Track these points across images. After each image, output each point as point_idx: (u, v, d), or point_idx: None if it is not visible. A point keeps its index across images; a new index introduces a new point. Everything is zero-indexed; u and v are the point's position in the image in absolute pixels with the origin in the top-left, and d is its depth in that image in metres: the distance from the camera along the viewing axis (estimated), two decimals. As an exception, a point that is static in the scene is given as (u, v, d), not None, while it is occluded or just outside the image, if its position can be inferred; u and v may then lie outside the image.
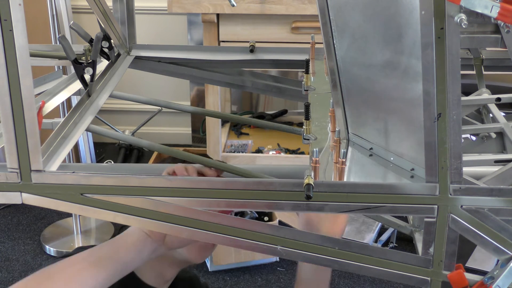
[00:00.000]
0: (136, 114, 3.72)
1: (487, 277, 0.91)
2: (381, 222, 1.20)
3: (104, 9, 1.36)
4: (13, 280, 2.77)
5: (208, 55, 1.50)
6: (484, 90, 1.37)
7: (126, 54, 1.48)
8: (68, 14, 3.03)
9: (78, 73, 1.25)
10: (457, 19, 0.79)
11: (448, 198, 0.90)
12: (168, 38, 3.60)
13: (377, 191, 0.91)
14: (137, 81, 3.66)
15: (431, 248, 0.93)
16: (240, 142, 3.35)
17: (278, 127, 1.53)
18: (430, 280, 0.94)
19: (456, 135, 0.87)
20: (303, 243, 0.95)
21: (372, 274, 0.96)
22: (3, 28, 0.85)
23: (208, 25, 2.81)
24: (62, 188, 0.94)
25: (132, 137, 1.34)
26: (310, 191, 0.89)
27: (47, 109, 1.28)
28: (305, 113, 1.14)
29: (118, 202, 0.94)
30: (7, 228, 3.16)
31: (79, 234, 3.06)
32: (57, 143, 1.07)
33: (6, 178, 0.94)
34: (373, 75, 1.04)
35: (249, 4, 2.73)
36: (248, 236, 0.95)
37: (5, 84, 0.88)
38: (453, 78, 0.83)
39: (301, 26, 2.78)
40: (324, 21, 1.08)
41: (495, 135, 1.23)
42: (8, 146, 0.92)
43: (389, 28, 0.95)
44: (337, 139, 1.05)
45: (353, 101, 1.12)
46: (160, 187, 0.93)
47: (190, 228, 0.95)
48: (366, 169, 1.09)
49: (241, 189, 0.93)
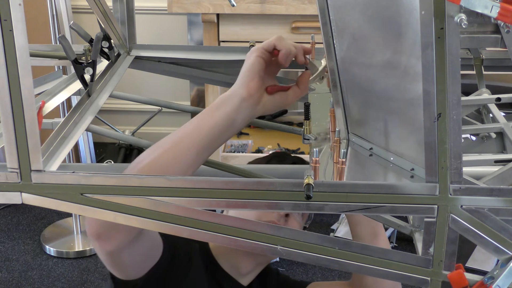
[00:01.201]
0: (136, 114, 3.73)
1: (487, 277, 0.91)
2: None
3: (104, 9, 1.36)
4: (13, 280, 2.78)
5: (208, 55, 1.49)
6: (484, 90, 1.37)
7: (126, 54, 1.48)
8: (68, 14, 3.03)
9: (78, 73, 1.25)
10: (457, 19, 0.79)
11: (448, 198, 0.90)
12: (168, 38, 3.61)
13: (377, 191, 0.91)
14: (137, 81, 3.66)
15: (431, 248, 0.93)
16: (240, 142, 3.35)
17: (278, 127, 1.53)
18: (430, 280, 0.94)
19: (456, 135, 0.87)
20: (303, 243, 0.95)
21: (372, 274, 0.96)
22: (3, 28, 0.85)
23: (208, 25, 2.81)
24: (62, 188, 0.94)
25: (132, 137, 1.34)
26: (310, 191, 0.89)
27: (47, 109, 1.28)
28: (305, 113, 1.14)
29: (118, 202, 0.94)
30: (7, 228, 3.16)
31: (79, 234, 3.06)
32: (57, 143, 1.07)
33: (6, 178, 0.94)
34: (373, 75, 1.04)
35: (249, 4, 2.73)
36: (248, 236, 0.95)
37: (5, 84, 0.88)
38: (453, 78, 0.83)
39: (301, 26, 2.78)
40: (324, 21, 1.08)
41: (495, 135, 1.23)
42: (8, 146, 0.92)
43: (389, 28, 0.95)
44: (337, 139, 1.05)
45: (353, 101, 1.12)
46: (160, 187, 0.93)
47: (190, 228, 0.95)
48: (366, 169, 1.09)
49: (241, 189, 0.93)
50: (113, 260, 1.09)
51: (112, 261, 1.10)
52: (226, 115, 1.05)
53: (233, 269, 1.39)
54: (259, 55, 1.10)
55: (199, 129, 1.03)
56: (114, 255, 1.06)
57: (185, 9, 2.78)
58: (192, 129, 1.03)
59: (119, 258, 1.08)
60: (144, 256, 1.16)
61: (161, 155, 1.01)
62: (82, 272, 2.84)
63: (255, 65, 1.09)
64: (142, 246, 1.10)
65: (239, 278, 1.39)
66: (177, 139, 1.02)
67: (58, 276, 2.81)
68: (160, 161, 1.00)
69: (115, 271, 1.15)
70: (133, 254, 1.10)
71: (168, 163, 1.00)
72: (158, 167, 1.00)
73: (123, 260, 1.10)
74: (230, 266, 1.38)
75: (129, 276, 1.17)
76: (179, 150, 1.01)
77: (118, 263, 1.11)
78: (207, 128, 1.03)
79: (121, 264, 1.12)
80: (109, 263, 1.11)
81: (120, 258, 1.08)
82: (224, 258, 1.38)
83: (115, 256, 1.07)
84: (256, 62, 1.09)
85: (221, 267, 1.38)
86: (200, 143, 1.02)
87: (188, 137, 1.02)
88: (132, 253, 1.10)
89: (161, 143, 1.02)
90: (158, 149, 1.02)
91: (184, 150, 1.02)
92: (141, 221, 0.95)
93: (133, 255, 1.11)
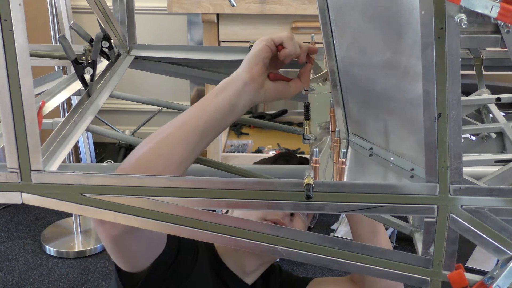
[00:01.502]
0: (136, 114, 3.73)
1: (487, 277, 0.91)
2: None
3: (104, 9, 1.36)
4: (13, 280, 2.78)
5: (208, 55, 1.49)
6: (484, 90, 1.37)
7: (126, 54, 1.48)
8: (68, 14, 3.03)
9: (78, 73, 1.25)
10: (457, 19, 0.79)
11: (448, 198, 0.90)
12: (168, 38, 3.61)
13: (377, 191, 0.91)
14: (137, 81, 3.66)
15: (431, 248, 0.93)
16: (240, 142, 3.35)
17: (278, 127, 1.53)
18: (430, 280, 0.94)
19: (456, 135, 0.87)
20: (303, 243, 0.95)
21: (372, 274, 0.96)
22: (3, 28, 0.85)
23: (208, 25, 2.81)
24: (62, 188, 0.94)
25: (132, 137, 1.34)
26: (310, 191, 0.89)
27: (47, 109, 1.28)
28: (305, 113, 1.14)
29: (118, 202, 0.94)
30: (7, 228, 3.16)
31: (79, 234, 3.06)
32: (57, 143, 1.07)
33: (6, 178, 0.94)
34: (373, 75, 1.04)
35: (249, 4, 2.73)
36: (248, 236, 0.95)
37: (5, 84, 0.88)
38: (453, 78, 0.83)
39: (301, 26, 2.78)
40: (324, 21, 1.09)
41: (495, 135, 1.23)
42: (8, 146, 0.92)
43: (389, 28, 0.95)
44: (337, 139, 1.05)
45: (353, 101, 1.12)
46: (160, 187, 0.93)
47: (190, 228, 0.95)
48: (366, 169, 1.09)
49: (241, 189, 0.93)
50: (118, 247, 1.09)
51: (117, 248, 1.09)
52: (228, 99, 1.07)
53: (238, 268, 1.39)
54: (268, 45, 1.12)
55: (202, 112, 1.05)
56: (118, 241, 1.06)
57: (185, 9, 2.78)
58: (196, 112, 1.05)
59: (124, 245, 1.08)
60: (149, 243, 1.16)
61: (167, 137, 1.03)
62: (82, 272, 2.84)
63: (261, 52, 1.11)
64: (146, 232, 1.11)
65: (243, 277, 1.40)
66: (182, 122, 1.04)
67: (58, 276, 2.81)
68: (167, 142, 1.02)
69: (120, 260, 1.15)
70: (137, 240, 1.10)
71: (174, 145, 1.02)
72: (164, 148, 1.02)
73: (128, 246, 1.10)
74: (235, 264, 1.39)
75: (134, 266, 1.17)
76: (184, 132, 1.03)
77: (123, 250, 1.11)
78: (210, 111, 1.05)
79: (126, 251, 1.11)
80: (114, 251, 1.11)
81: (125, 244, 1.08)
82: (229, 256, 1.39)
83: (119, 242, 1.06)
84: (263, 49, 1.11)
85: (226, 265, 1.38)
86: (204, 125, 1.04)
87: (193, 120, 1.04)
88: (136, 239, 1.09)
89: (166, 126, 1.04)
90: (164, 131, 1.04)
91: (189, 132, 1.03)
92: (141, 221, 0.95)
93: (138, 242, 1.11)
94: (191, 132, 1.03)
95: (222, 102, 1.06)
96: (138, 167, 1.01)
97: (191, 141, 1.03)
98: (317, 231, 1.05)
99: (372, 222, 1.35)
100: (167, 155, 1.01)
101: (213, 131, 1.06)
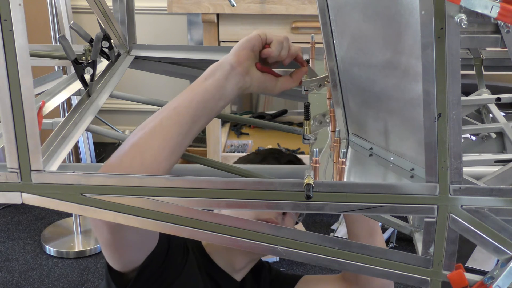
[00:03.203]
0: (136, 114, 3.73)
1: (487, 277, 0.91)
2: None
3: (104, 9, 1.36)
4: (13, 280, 2.78)
5: (208, 55, 1.50)
6: (484, 90, 1.37)
7: (126, 54, 1.48)
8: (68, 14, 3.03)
9: (78, 73, 1.25)
10: (457, 19, 0.79)
11: (448, 198, 0.90)
12: (168, 38, 3.61)
13: (377, 191, 0.91)
14: (137, 81, 3.66)
15: (431, 248, 0.93)
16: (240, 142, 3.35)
17: (278, 127, 1.53)
18: (430, 280, 0.94)
19: (456, 135, 0.87)
20: (303, 243, 0.95)
21: (372, 274, 0.96)
22: (3, 28, 0.85)
23: (208, 25, 2.81)
24: (62, 188, 0.94)
25: (132, 137, 1.34)
26: (310, 191, 0.89)
27: (47, 109, 1.28)
28: (305, 113, 1.14)
29: (118, 202, 0.94)
30: (7, 228, 3.16)
31: (79, 234, 3.06)
32: (57, 143, 1.07)
33: (6, 178, 0.94)
34: (373, 75, 1.04)
35: (249, 4, 2.73)
36: (248, 236, 0.95)
37: (5, 84, 0.88)
38: (453, 78, 0.83)
39: (301, 26, 2.78)
40: (324, 21, 1.09)
41: (495, 135, 1.23)
42: (8, 146, 0.92)
43: (389, 28, 0.95)
44: (337, 139, 1.05)
45: (353, 101, 1.12)
46: (160, 187, 0.93)
47: (190, 228, 0.95)
48: (366, 169, 1.09)
49: (241, 189, 0.93)
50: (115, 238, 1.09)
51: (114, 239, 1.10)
52: (217, 81, 1.10)
53: (227, 265, 1.40)
54: (260, 35, 1.14)
55: (193, 94, 1.08)
56: (116, 231, 1.06)
57: (185, 9, 2.78)
58: (187, 96, 1.09)
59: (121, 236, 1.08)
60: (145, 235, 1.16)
61: (161, 121, 1.05)
62: (82, 272, 2.84)
63: (251, 39, 1.13)
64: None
65: (233, 274, 1.41)
66: (174, 105, 1.07)
67: (58, 276, 2.81)
68: (161, 125, 1.05)
69: (115, 254, 1.15)
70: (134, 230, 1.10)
71: (169, 128, 1.05)
72: (159, 132, 1.04)
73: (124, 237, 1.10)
74: (225, 262, 1.40)
75: (128, 261, 1.17)
76: (177, 115, 1.06)
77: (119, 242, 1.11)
78: (200, 93, 1.08)
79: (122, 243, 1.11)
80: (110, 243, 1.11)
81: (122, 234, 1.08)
82: (219, 254, 1.40)
83: (117, 231, 1.06)
84: (253, 37, 1.13)
85: (215, 263, 1.39)
86: (196, 107, 1.07)
87: (185, 102, 1.08)
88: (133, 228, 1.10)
89: (157, 113, 1.08)
90: (157, 117, 1.06)
91: (181, 115, 1.06)
92: (141, 221, 0.95)
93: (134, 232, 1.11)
94: (184, 115, 1.06)
95: (211, 85, 1.09)
96: (132, 152, 1.03)
97: (184, 123, 1.05)
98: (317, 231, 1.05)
99: (369, 222, 1.36)
100: (162, 138, 1.03)
101: (204, 116, 1.09)
